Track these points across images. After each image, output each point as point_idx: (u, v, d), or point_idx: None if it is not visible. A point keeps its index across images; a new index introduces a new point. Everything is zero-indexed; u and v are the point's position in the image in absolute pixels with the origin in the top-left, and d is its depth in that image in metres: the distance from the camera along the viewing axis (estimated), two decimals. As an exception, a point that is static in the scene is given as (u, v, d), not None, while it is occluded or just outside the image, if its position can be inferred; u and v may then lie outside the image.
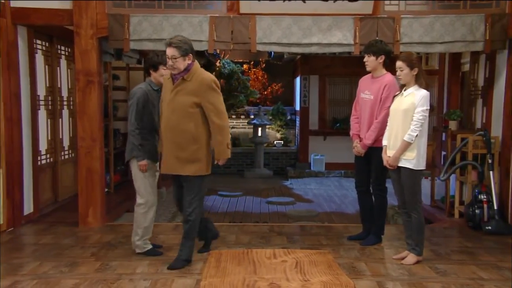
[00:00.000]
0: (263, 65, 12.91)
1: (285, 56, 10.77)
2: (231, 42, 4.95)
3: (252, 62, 12.86)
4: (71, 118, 6.43)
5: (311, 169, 10.58)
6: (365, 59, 4.29)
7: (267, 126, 10.92)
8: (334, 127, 10.61)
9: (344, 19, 4.91)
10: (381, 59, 4.24)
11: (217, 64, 11.32)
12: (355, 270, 3.77)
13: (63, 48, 6.22)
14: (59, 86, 6.11)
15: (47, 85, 5.80)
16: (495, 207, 4.86)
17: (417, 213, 3.87)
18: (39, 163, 5.53)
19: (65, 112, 6.31)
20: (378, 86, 4.22)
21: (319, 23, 4.92)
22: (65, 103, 6.31)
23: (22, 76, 5.08)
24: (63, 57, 6.24)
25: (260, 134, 10.57)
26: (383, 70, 4.30)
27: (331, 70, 10.52)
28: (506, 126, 5.01)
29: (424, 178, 5.51)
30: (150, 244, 4.13)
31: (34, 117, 5.35)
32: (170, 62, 3.60)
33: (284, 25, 4.92)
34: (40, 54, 5.60)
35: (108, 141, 6.82)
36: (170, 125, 3.67)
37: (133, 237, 4.11)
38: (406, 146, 3.77)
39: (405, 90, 3.86)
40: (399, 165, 3.85)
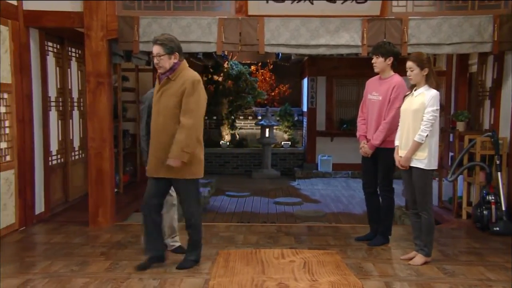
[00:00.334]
0: (271, 67, 12.94)
1: (293, 58, 10.78)
2: (239, 44, 4.97)
3: (260, 64, 12.89)
4: (81, 119, 6.49)
5: (318, 170, 10.60)
6: (373, 61, 4.30)
7: (275, 127, 10.95)
8: (341, 128, 10.62)
9: (352, 21, 4.92)
10: (390, 61, 4.25)
11: (225, 66, 11.37)
12: (363, 271, 3.76)
13: (74, 50, 6.28)
14: (70, 88, 6.17)
15: (58, 87, 5.87)
16: (503, 208, 4.84)
17: (427, 214, 3.86)
18: (50, 164, 5.59)
19: (76, 113, 6.37)
20: (387, 87, 4.23)
21: (327, 25, 4.93)
22: (76, 104, 6.37)
23: (34, 78, 5.16)
24: (74, 59, 6.29)
25: (268, 135, 10.60)
26: (391, 72, 4.31)
27: (339, 72, 10.54)
28: (515, 127, 4.99)
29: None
30: (179, 243, 4.19)
31: (45, 118, 5.42)
32: (155, 60, 3.51)
33: (292, 27, 4.94)
34: (51, 56, 5.67)
35: (118, 142, 6.87)
36: (157, 127, 3.58)
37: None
38: (417, 146, 3.77)
39: (415, 90, 3.85)
40: (411, 165, 3.85)
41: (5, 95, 4.65)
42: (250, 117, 11.91)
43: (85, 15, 4.87)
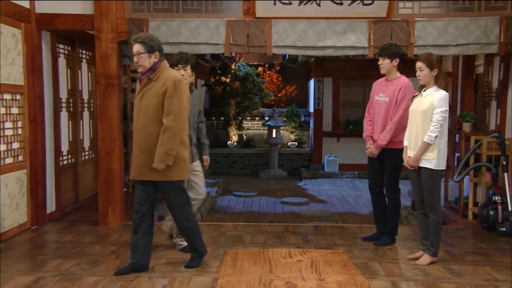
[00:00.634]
0: (278, 68, 13.00)
1: (299, 59, 10.81)
2: (247, 45, 5.00)
3: (267, 65, 12.95)
4: (91, 120, 6.56)
5: (325, 170, 10.63)
6: (380, 62, 4.32)
7: (282, 128, 11.00)
8: (348, 129, 10.64)
9: (359, 22, 4.94)
10: (396, 62, 4.27)
11: (233, 67, 11.43)
12: (370, 270, 3.76)
13: (84, 52, 6.35)
14: (80, 89, 6.24)
15: (69, 88, 5.93)
16: (510, 209, 4.82)
17: (435, 214, 3.85)
18: (61, 164, 5.65)
19: (86, 114, 6.43)
20: (394, 88, 4.24)
21: (334, 26, 4.95)
22: (86, 105, 6.44)
23: (46, 79, 5.22)
24: (84, 61, 6.36)
25: (275, 136, 10.65)
26: (398, 73, 4.32)
27: (345, 73, 10.56)
28: (521, 128, 5.01)
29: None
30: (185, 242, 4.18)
31: (57, 119, 5.48)
32: (135, 59, 3.44)
33: (299, 29, 4.96)
34: (63, 58, 5.73)
35: (127, 142, 6.94)
36: (138, 128, 3.50)
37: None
38: (426, 147, 3.77)
39: (424, 91, 3.85)
40: (420, 165, 3.85)
41: (18, 96, 4.71)
42: (257, 118, 11.98)
43: (96, 18, 4.92)
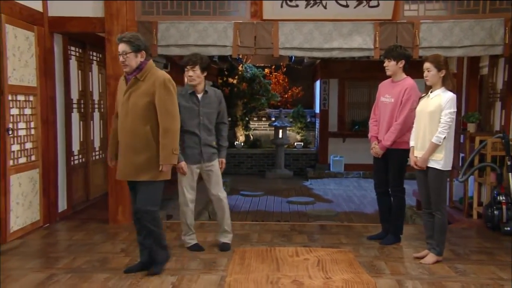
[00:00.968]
0: (284, 69, 13.06)
1: (305, 61, 10.88)
2: (254, 47, 5.05)
3: (273, 66, 13.01)
4: (102, 121, 6.64)
5: (331, 170, 10.68)
6: (385, 64, 4.35)
7: (288, 128, 11.06)
8: (353, 129, 10.69)
9: (364, 24, 4.99)
10: (401, 64, 4.30)
11: (240, 69, 11.51)
12: (375, 269, 3.78)
13: (95, 54, 6.43)
14: (91, 90, 6.33)
15: (80, 89, 6.02)
16: (514, 209, 4.89)
17: (441, 214, 3.87)
18: (72, 163, 5.74)
19: (96, 115, 6.51)
20: (399, 90, 4.28)
21: (340, 28, 5.00)
22: (96, 106, 6.51)
23: (57, 81, 5.30)
24: (95, 63, 6.45)
25: (281, 136, 10.72)
26: (403, 74, 4.36)
27: (350, 74, 10.61)
28: (525, 129, 5.04)
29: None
30: (195, 241, 4.27)
31: (68, 120, 5.57)
32: (121, 59, 3.38)
33: (306, 31, 5.02)
34: (74, 60, 5.82)
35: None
36: (125, 129, 3.43)
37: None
38: (434, 148, 3.78)
39: (432, 92, 3.87)
40: (427, 166, 3.87)
41: (31, 98, 4.80)
42: (264, 119, 12.05)
43: (106, 21, 4.99)
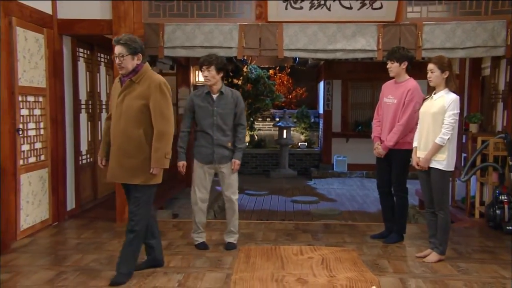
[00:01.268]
0: (288, 70, 13.12)
1: (309, 62, 10.95)
2: (259, 49, 5.10)
3: (278, 68, 13.08)
4: (109, 121, 6.75)
5: (334, 170, 10.75)
6: (388, 65, 4.40)
7: (292, 129, 11.15)
8: (356, 130, 10.75)
9: (368, 26, 5.03)
10: (404, 65, 4.35)
11: (245, 70, 11.58)
12: (378, 267, 3.82)
13: (103, 56, 6.50)
14: (99, 91, 6.40)
15: (88, 90, 6.10)
16: (516, 208, 4.92)
17: (444, 213, 3.91)
18: (80, 163, 5.81)
19: (104, 115, 6.54)
20: (402, 91, 4.32)
21: (344, 30, 5.04)
22: (104, 107, 6.57)
23: (66, 82, 5.38)
24: (103, 64, 6.52)
25: (285, 136, 10.80)
26: (406, 76, 4.40)
27: (354, 75, 10.69)
28: (527, 129, 5.05)
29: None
30: (202, 239, 4.33)
31: (76, 120, 5.64)
32: (118, 61, 3.34)
33: (310, 32, 5.06)
34: (82, 61, 5.90)
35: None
36: (118, 131, 3.39)
37: None
38: (437, 149, 3.82)
39: (435, 94, 3.91)
40: (430, 166, 3.91)
41: (40, 98, 4.88)
42: (268, 119, 12.13)
43: (114, 23, 5.05)
